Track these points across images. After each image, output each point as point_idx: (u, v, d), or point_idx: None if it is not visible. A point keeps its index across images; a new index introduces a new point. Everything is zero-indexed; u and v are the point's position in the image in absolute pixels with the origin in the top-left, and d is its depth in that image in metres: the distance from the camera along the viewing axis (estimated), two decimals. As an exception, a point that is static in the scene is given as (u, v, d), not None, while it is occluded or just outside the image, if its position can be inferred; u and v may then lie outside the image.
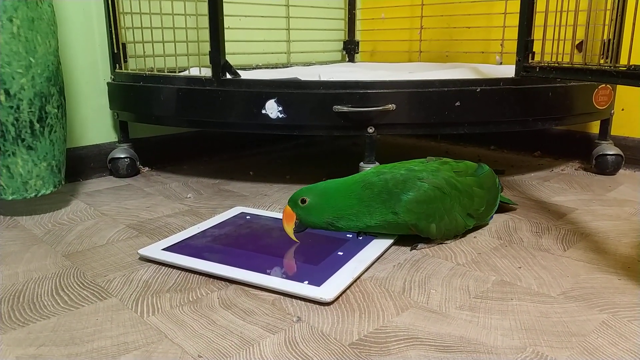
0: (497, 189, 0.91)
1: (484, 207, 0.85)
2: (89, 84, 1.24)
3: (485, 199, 0.86)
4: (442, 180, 0.80)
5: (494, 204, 0.90)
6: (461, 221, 0.82)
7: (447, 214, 0.79)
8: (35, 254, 0.80)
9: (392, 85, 1.01)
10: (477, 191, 0.84)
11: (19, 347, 0.56)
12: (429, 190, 0.77)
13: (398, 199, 0.76)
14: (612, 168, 1.22)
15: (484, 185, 0.86)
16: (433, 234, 0.79)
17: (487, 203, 0.86)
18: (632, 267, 0.74)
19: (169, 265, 0.75)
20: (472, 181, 0.85)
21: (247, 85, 1.05)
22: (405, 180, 0.78)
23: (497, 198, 0.91)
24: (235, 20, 1.48)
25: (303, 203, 0.76)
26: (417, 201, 0.76)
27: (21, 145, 0.92)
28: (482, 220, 0.88)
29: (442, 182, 0.79)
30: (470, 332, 0.58)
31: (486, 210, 0.87)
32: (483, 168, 0.90)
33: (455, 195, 0.80)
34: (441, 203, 0.78)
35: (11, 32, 0.87)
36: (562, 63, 0.96)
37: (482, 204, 0.85)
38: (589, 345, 0.55)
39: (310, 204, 0.76)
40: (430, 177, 0.79)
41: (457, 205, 0.81)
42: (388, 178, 0.78)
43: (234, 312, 0.62)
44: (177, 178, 1.24)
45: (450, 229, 0.81)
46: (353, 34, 1.79)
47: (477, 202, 0.84)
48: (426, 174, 0.79)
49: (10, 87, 0.89)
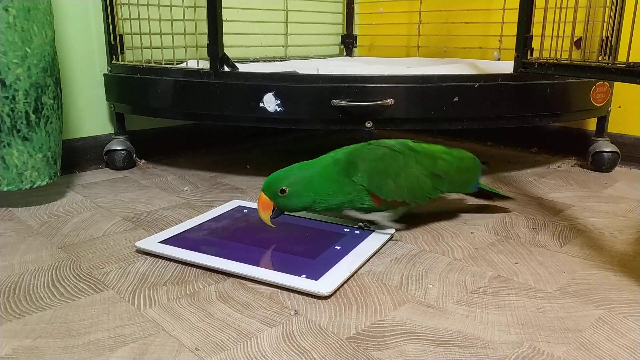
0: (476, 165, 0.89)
1: (453, 171, 0.84)
2: (86, 75, 1.24)
3: (454, 164, 0.84)
4: (394, 142, 0.82)
5: (473, 173, 0.88)
6: (425, 180, 0.81)
7: (403, 171, 0.79)
8: (31, 245, 0.79)
9: (391, 79, 1.01)
10: (442, 155, 0.84)
11: (15, 338, 0.55)
12: (377, 149, 0.79)
13: (354, 166, 0.77)
14: (609, 165, 1.22)
15: (453, 153, 0.86)
16: (392, 191, 0.78)
17: (459, 169, 0.85)
18: (628, 264, 0.74)
19: (165, 258, 0.75)
20: (437, 148, 0.85)
21: (245, 78, 1.04)
22: (360, 148, 0.80)
23: (477, 167, 0.89)
24: (233, 12, 1.47)
25: (283, 193, 0.75)
26: (368, 160, 0.77)
27: (17, 136, 0.91)
28: (460, 187, 0.87)
29: (392, 143, 0.81)
30: (468, 327, 0.58)
31: (460, 174, 0.85)
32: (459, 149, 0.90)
33: (411, 154, 0.80)
34: (393, 160, 0.79)
35: (7, 22, 0.86)
36: (560, 60, 0.96)
37: (449, 167, 0.84)
38: (585, 340, 0.55)
39: (290, 193, 0.75)
40: (384, 142, 0.81)
41: (413, 163, 0.80)
42: (350, 150, 0.80)
43: (231, 306, 0.62)
44: (173, 171, 1.24)
45: (413, 188, 0.80)
46: (351, 28, 1.78)
47: (441, 164, 0.83)
48: (383, 141, 0.82)
49: (5, 78, 0.88)
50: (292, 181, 0.75)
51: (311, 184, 0.76)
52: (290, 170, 0.77)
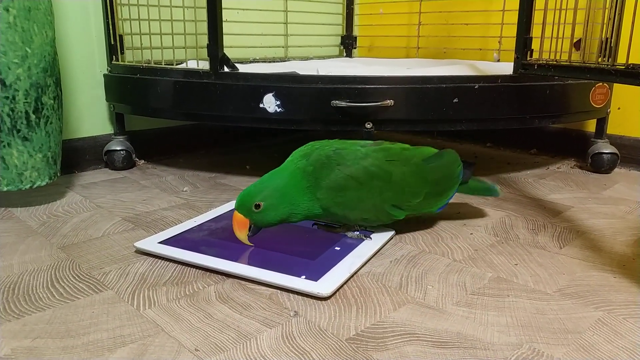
0: (453, 180, 0.86)
1: (420, 199, 0.81)
2: (86, 75, 1.24)
3: (422, 190, 0.81)
4: (362, 168, 0.76)
5: (444, 195, 0.85)
6: (383, 210, 0.79)
7: (362, 204, 0.77)
8: (30, 245, 0.79)
9: (391, 80, 1.01)
10: (411, 182, 0.80)
11: (14, 339, 0.55)
12: (342, 179, 0.75)
13: (318, 185, 0.75)
14: (608, 166, 1.23)
15: (428, 176, 0.82)
16: (349, 221, 0.79)
17: (429, 194, 0.82)
18: (627, 265, 0.74)
19: (165, 258, 0.75)
20: (408, 171, 0.80)
21: (245, 79, 1.04)
22: (326, 165, 0.76)
23: (452, 189, 0.86)
24: (233, 13, 1.47)
25: (258, 208, 0.72)
26: (330, 188, 0.75)
27: (16, 136, 0.91)
28: (421, 211, 0.83)
29: (359, 172, 0.76)
30: (467, 328, 0.58)
31: (426, 202, 0.82)
32: (442, 157, 0.85)
33: (376, 186, 0.77)
34: (355, 192, 0.76)
35: (7, 22, 0.86)
36: (560, 61, 0.96)
37: (416, 195, 0.81)
38: (585, 342, 0.55)
39: (265, 207, 0.72)
40: (350, 164, 0.76)
41: (376, 195, 0.77)
42: (314, 161, 0.76)
43: (231, 306, 0.62)
44: (173, 171, 1.24)
45: (368, 219, 0.79)
46: (351, 29, 1.78)
47: (408, 193, 0.80)
48: (350, 161, 0.77)
49: (6, 78, 0.88)
50: (266, 194, 0.72)
51: (286, 195, 0.73)
52: (262, 183, 0.75)
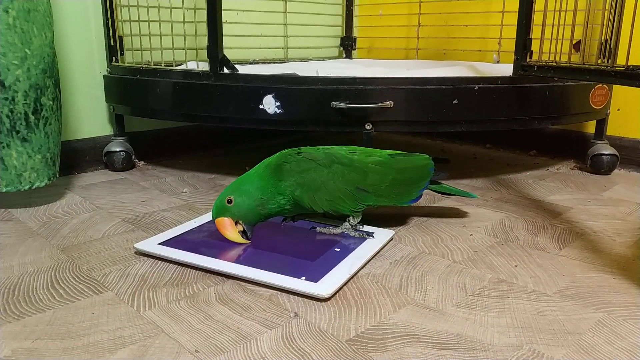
0: (421, 171, 0.86)
1: (386, 184, 0.82)
2: (85, 76, 1.23)
3: (387, 176, 0.82)
4: (322, 153, 0.81)
5: (414, 185, 0.85)
6: (348, 194, 0.80)
7: (324, 185, 0.79)
8: (30, 247, 0.79)
9: (390, 82, 1.01)
10: (375, 168, 0.82)
11: (14, 340, 0.55)
12: (303, 161, 0.79)
13: (281, 170, 0.78)
14: (607, 168, 1.23)
15: (392, 164, 0.83)
16: (311, 202, 0.79)
17: (396, 181, 0.83)
18: (627, 267, 0.74)
19: (165, 259, 0.75)
20: (372, 160, 0.83)
21: (244, 80, 1.04)
22: (290, 155, 0.80)
23: (422, 180, 0.86)
24: (233, 14, 1.47)
25: (230, 203, 0.76)
26: (292, 170, 0.78)
27: (16, 137, 0.91)
28: (392, 199, 0.84)
29: (319, 155, 0.80)
30: (467, 330, 0.58)
31: (394, 188, 0.83)
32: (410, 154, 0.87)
33: (337, 169, 0.80)
34: (316, 173, 0.79)
35: (7, 23, 0.86)
36: (560, 62, 0.96)
37: (381, 179, 0.82)
38: (585, 343, 0.55)
39: (236, 198, 0.76)
40: (312, 152, 0.81)
41: (339, 177, 0.80)
42: (278, 155, 0.81)
43: (231, 308, 0.62)
44: (172, 172, 1.24)
45: (332, 201, 0.79)
46: (350, 30, 1.78)
47: (372, 178, 0.81)
48: (312, 150, 0.81)
49: (5, 79, 0.88)
50: (233, 189, 0.77)
51: (251, 182, 0.78)
52: (230, 184, 0.79)
